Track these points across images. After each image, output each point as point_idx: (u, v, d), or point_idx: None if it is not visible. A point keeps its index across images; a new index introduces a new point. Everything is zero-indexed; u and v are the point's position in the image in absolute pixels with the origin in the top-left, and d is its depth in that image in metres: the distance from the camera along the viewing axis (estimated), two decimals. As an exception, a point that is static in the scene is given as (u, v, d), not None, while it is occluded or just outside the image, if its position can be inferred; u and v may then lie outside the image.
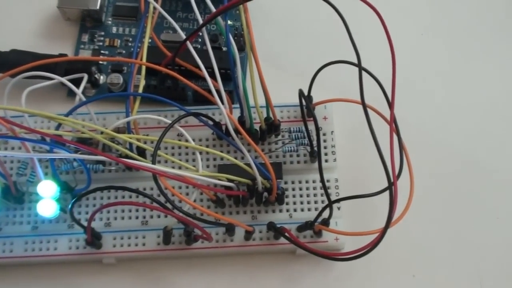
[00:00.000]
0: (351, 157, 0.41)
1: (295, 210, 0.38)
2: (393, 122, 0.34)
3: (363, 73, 0.34)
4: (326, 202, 0.37)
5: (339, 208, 0.38)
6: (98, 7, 0.43)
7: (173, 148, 0.39)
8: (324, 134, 0.39)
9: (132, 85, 0.38)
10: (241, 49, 0.42)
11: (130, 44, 0.44)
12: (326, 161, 0.39)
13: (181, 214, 0.33)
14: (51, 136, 0.34)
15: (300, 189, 0.39)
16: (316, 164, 0.39)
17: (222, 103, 0.36)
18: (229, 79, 0.40)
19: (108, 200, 0.38)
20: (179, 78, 0.37)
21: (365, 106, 0.33)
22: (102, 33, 0.44)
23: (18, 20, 0.45)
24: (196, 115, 0.37)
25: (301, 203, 0.38)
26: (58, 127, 0.36)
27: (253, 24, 0.36)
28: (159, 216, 0.38)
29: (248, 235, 0.37)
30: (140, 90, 0.37)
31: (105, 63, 0.43)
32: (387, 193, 0.33)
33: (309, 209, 0.38)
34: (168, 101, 0.36)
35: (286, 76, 0.43)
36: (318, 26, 0.44)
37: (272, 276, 0.39)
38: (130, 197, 0.38)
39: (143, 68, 0.38)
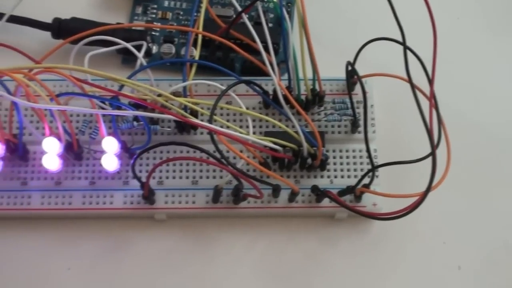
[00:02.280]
0: (388, 130, 0.43)
1: (335, 177, 0.41)
2: (432, 98, 0.37)
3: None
4: (365, 170, 0.39)
5: (377, 176, 0.40)
6: (153, -19, 0.45)
7: (221, 115, 0.42)
8: (363, 107, 0.42)
9: (188, 53, 0.40)
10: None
11: (181, 17, 0.46)
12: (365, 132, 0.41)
13: (235, 170, 0.36)
14: (116, 93, 0.36)
15: (341, 157, 0.41)
16: (356, 135, 0.42)
17: (274, 73, 0.38)
18: (276, 53, 0.42)
19: (161, 159, 0.41)
20: (235, 49, 0.39)
21: (411, 82, 0.36)
22: (155, 6, 0.46)
23: (77, -9, 0.47)
24: (248, 82, 0.40)
25: (341, 170, 0.41)
26: (120, 88, 0.39)
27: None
28: (208, 177, 0.41)
29: (293, 196, 0.39)
30: (197, 58, 0.40)
31: (157, 33, 0.45)
32: (423, 163, 0.36)
33: (348, 176, 0.41)
34: (222, 69, 0.39)
35: (326, 53, 0.45)
36: (359, 5, 0.47)
37: (311, 238, 0.41)
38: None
39: (200, 37, 0.40)
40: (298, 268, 0.41)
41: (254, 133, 0.41)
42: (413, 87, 0.36)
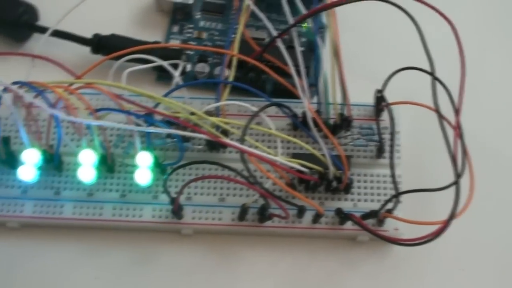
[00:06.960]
0: (413, 157, 0.44)
1: (359, 200, 0.42)
2: (458, 128, 0.38)
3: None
4: (389, 195, 0.40)
5: (401, 202, 0.41)
6: (191, 1, 0.47)
7: (251, 134, 0.43)
8: (390, 134, 0.43)
9: (223, 74, 0.42)
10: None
11: (215, 37, 0.48)
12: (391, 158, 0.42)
13: (263, 190, 0.37)
14: (152, 111, 0.38)
15: (365, 181, 0.42)
16: (381, 160, 0.42)
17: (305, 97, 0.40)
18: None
19: (189, 177, 0.42)
20: (268, 72, 0.41)
21: (439, 112, 0.37)
22: (191, 25, 0.48)
23: (116, 8, 0.49)
24: (279, 105, 0.41)
25: (365, 194, 0.42)
26: (155, 106, 0.40)
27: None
28: (234, 195, 0.42)
29: (317, 218, 0.40)
30: (231, 79, 0.41)
31: (192, 53, 0.47)
32: (446, 192, 0.36)
33: (372, 200, 0.42)
34: (255, 91, 0.40)
35: (356, 79, 0.46)
36: (390, 33, 0.48)
37: (333, 259, 0.42)
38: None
39: (234, 59, 0.42)
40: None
41: (282, 154, 0.42)
42: (441, 118, 0.37)
